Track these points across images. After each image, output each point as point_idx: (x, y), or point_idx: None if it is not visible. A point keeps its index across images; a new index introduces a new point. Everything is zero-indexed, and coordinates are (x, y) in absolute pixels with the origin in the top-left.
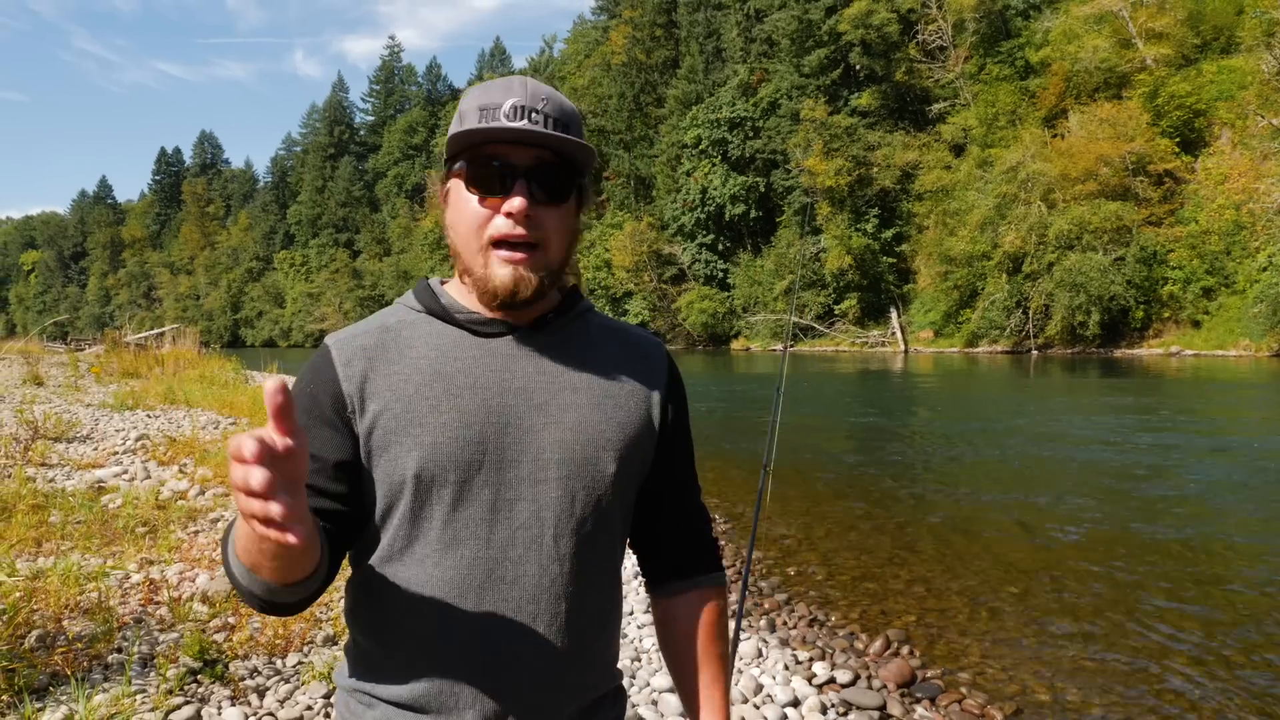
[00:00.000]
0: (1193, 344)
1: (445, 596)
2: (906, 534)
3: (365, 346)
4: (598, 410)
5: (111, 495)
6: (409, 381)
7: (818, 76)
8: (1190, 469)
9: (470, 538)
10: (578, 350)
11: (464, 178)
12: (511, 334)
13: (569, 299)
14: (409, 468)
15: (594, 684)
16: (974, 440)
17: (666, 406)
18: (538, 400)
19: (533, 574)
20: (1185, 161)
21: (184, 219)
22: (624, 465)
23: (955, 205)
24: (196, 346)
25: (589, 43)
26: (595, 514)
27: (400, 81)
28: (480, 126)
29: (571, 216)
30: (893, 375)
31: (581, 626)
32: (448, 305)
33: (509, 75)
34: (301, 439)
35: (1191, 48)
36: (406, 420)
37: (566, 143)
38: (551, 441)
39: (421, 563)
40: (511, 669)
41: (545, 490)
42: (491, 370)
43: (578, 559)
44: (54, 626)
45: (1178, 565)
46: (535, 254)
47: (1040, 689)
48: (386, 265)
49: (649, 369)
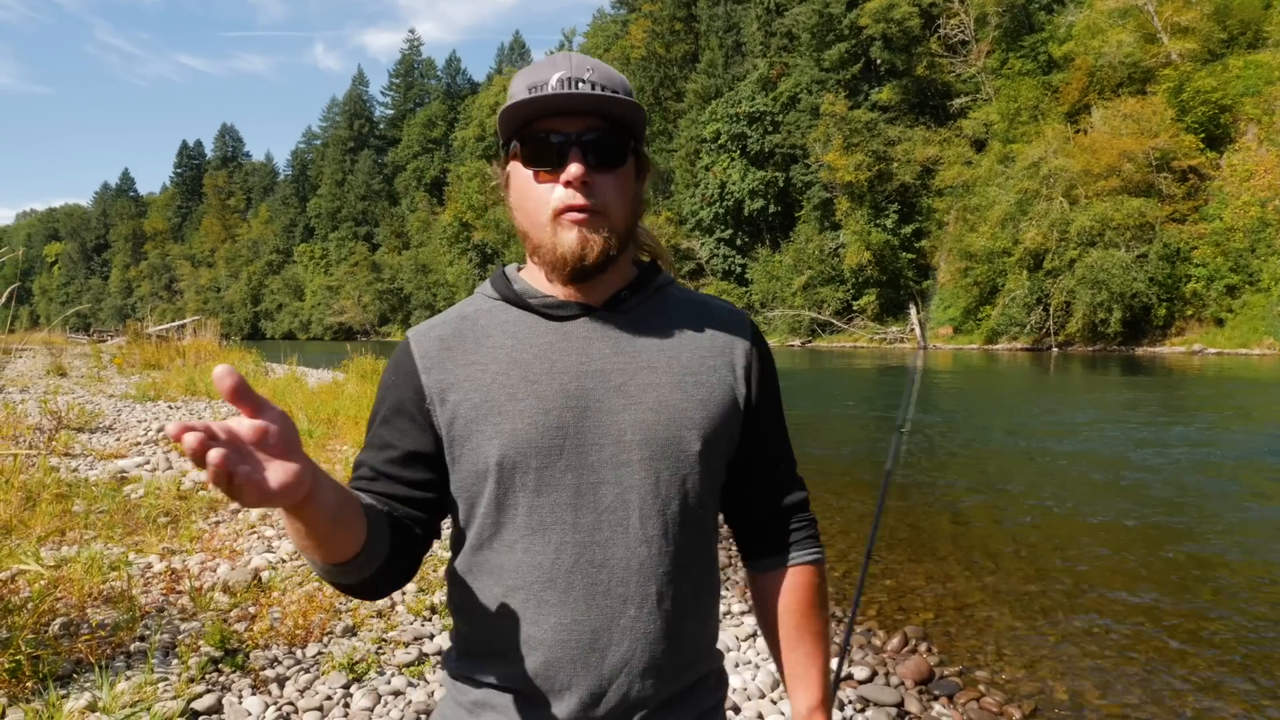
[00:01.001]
0: (1216, 342)
1: (535, 581)
2: (924, 530)
3: (442, 337)
4: (679, 389)
5: (134, 485)
6: (486, 370)
7: (838, 71)
8: (1215, 468)
9: (556, 523)
10: (656, 327)
11: (519, 157)
12: (586, 315)
13: (645, 274)
14: (490, 456)
15: (690, 665)
16: (993, 437)
17: (751, 381)
18: (616, 381)
19: (621, 556)
20: (1210, 158)
21: (205, 212)
22: (709, 444)
23: (976, 201)
24: (217, 338)
25: (608, 37)
26: (681, 494)
27: (420, 75)
28: (528, 97)
29: (631, 181)
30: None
31: (673, 607)
32: (521, 291)
33: (555, 54)
34: (263, 411)
35: (1218, 42)
36: (486, 409)
37: (615, 103)
38: (632, 422)
39: (511, 549)
40: (605, 651)
41: (629, 472)
42: (568, 354)
43: (666, 539)
44: (77, 615)
45: (1201, 566)
46: (597, 218)
47: (1059, 688)
48: (405, 259)
49: (732, 343)
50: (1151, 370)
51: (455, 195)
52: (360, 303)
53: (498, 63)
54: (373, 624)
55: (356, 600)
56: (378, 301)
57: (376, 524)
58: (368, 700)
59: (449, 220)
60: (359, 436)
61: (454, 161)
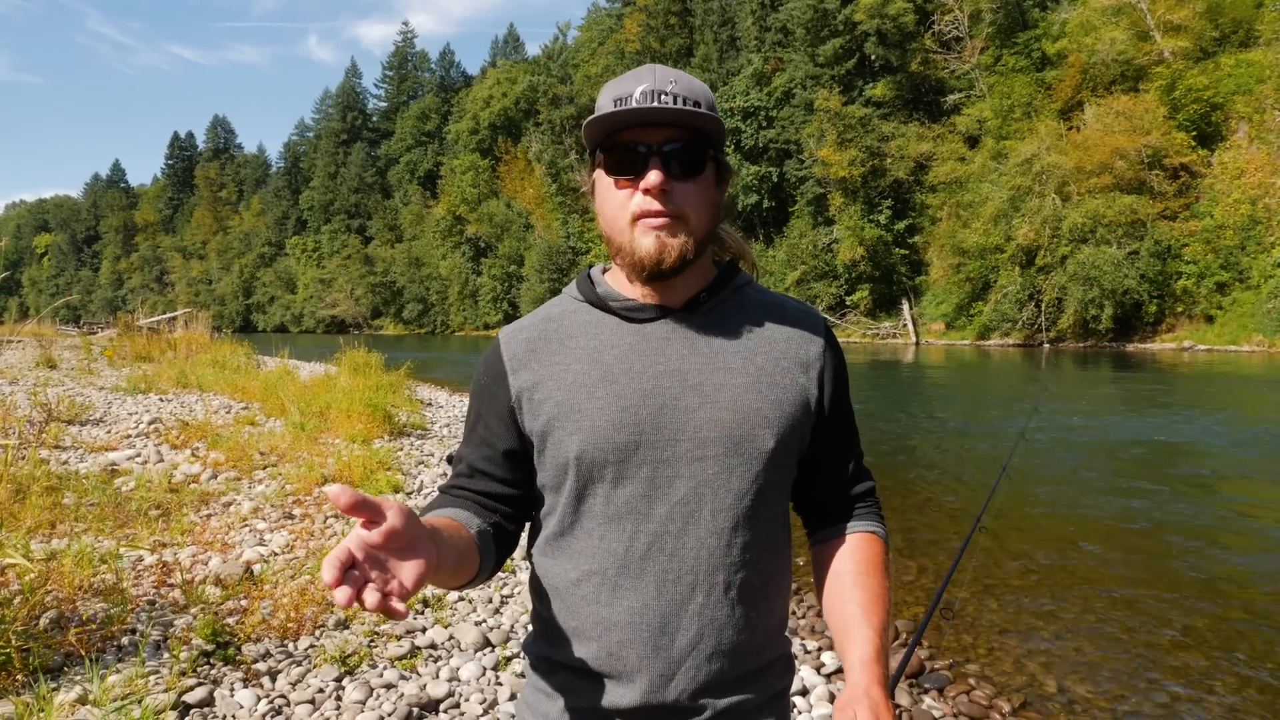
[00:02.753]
0: (1205, 339)
1: (610, 568)
2: (914, 525)
3: (530, 339)
4: (753, 389)
5: (125, 478)
6: (569, 370)
7: (832, 66)
8: (1205, 463)
9: (631, 513)
10: (732, 328)
11: (604, 165)
12: (665, 317)
13: (723, 275)
14: (570, 451)
15: (757, 651)
16: (983, 431)
17: (823, 382)
18: (693, 381)
19: (692, 546)
20: (1201, 155)
21: (196, 203)
22: (782, 442)
23: (969, 197)
24: (209, 331)
25: (603, 30)
26: (754, 489)
27: (414, 68)
28: (612, 110)
29: (710, 188)
30: (903, 366)
31: (740, 596)
32: (604, 294)
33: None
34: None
35: (1210, 41)
36: (568, 407)
37: (695, 117)
38: (708, 420)
39: (589, 536)
40: (674, 635)
41: (703, 467)
42: (646, 355)
43: (736, 532)
44: (68, 608)
45: (1192, 561)
46: (676, 223)
47: (1048, 682)
48: (398, 252)
49: (805, 344)
50: (1142, 366)
51: (448, 188)
52: (353, 296)
53: (492, 55)
54: (365, 617)
55: None
56: (370, 295)
57: (486, 548)
58: (360, 693)
59: (442, 213)
60: (351, 430)
61: (447, 155)
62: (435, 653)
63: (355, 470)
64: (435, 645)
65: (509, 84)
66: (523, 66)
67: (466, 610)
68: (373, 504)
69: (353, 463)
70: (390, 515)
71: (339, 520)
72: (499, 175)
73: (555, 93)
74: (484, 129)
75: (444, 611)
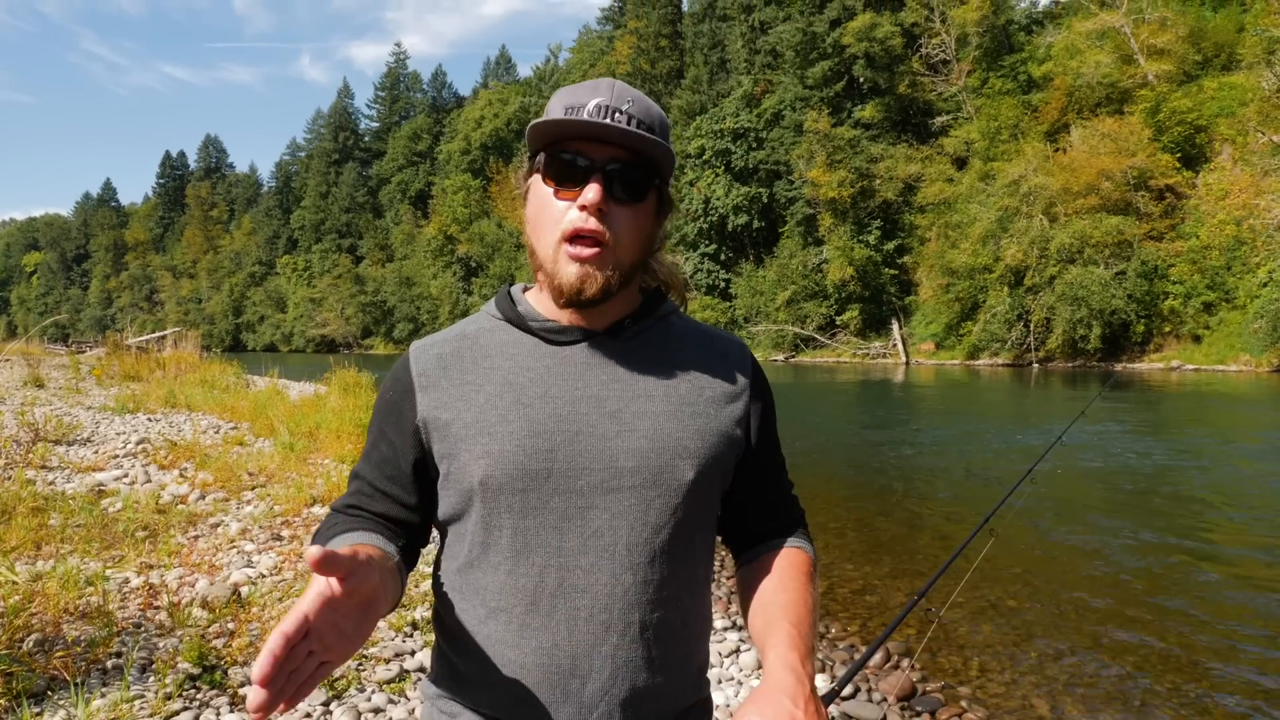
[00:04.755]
0: (1193, 359)
1: (519, 604)
2: (907, 547)
3: (441, 355)
4: (674, 418)
5: (111, 499)
6: (480, 391)
7: (821, 88)
8: (1194, 482)
9: (540, 545)
10: (655, 355)
11: (542, 171)
12: (586, 341)
13: (649, 303)
14: (475, 476)
15: (675, 695)
16: (973, 451)
17: (749, 414)
18: (611, 408)
19: (605, 582)
20: (1186, 177)
21: (187, 222)
22: (703, 474)
23: (957, 218)
24: (198, 350)
25: (594, 52)
26: (672, 523)
27: (405, 88)
28: (561, 119)
29: (648, 218)
30: (894, 386)
31: (657, 636)
32: (524, 313)
33: (598, 79)
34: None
35: (1193, 64)
36: (476, 429)
37: (646, 142)
38: (625, 449)
39: (495, 569)
40: (585, 678)
41: (619, 498)
42: (564, 379)
43: (653, 568)
44: (53, 630)
45: (1185, 581)
46: (604, 252)
47: (1041, 704)
48: (389, 271)
49: (730, 373)
50: (1130, 386)
51: (440, 208)
52: (343, 315)
53: (483, 77)
54: None
55: None
56: (360, 314)
57: (402, 577)
58: (347, 717)
59: (433, 233)
60: (341, 451)
61: (439, 175)
62: (424, 676)
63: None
64: (424, 669)
65: (500, 105)
66: (514, 88)
67: None
68: (346, 565)
69: (342, 483)
70: (355, 577)
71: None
72: (490, 195)
73: None
74: (475, 149)
75: (432, 635)
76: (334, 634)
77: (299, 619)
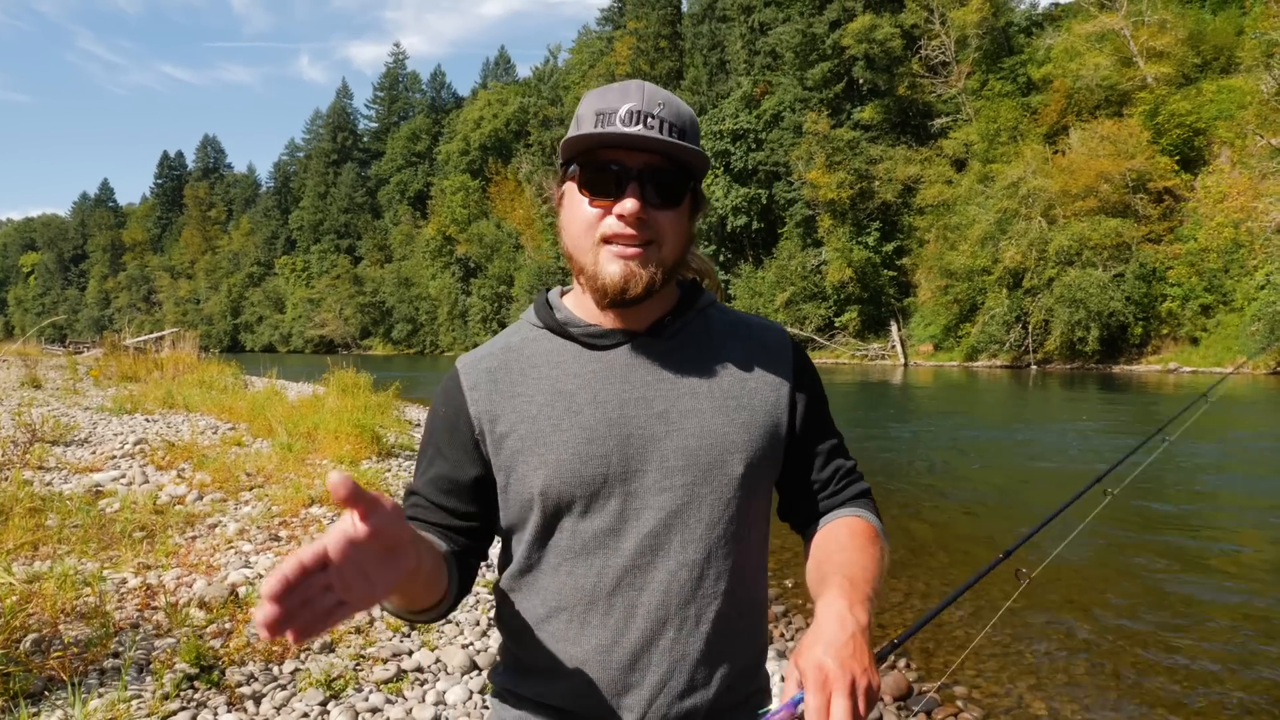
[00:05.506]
0: (1191, 361)
1: (579, 603)
2: (903, 546)
3: (490, 369)
4: (720, 413)
5: (109, 499)
6: (532, 402)
7: (821, 90)
8: (1194, 483)
9: (599, 547)
10: (696, 352)
11: (578, 181)
12: (628, 343)
13: (687, 297)
14: (535, 486)
15: (730, 686)
16: (972, 452)
17: (795, 399)
18: (658, 408)
19: (662, 579)
20: (1185, 179)
21: (185, 223)
22: (752, 467)
23: (956, 220)
24: (196, 351)
25: (593, 53)
26: (725, 518)
27: (404, 89)
28: (595, 131)
29: (685, 219)
30: (892, 387)
31: (713, 629)
32: (564, 320)
33: (627, 80)
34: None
35: (1192, 67)
36: (532, 440)
37: (680, 150)
38: (675, 449)
39: (555, 571)
40: (645, 672)
41: (671, 497)
42: (610, 383)
43: (708, 563)
44: (50, 631)
45: (1180, 580)
46: (648, 250)
47: (1037, 704)
48: (388, 272)
49: (772, 361)
50: (1128, 388)
51: (438, 209)
52: (341, 316)
53: (483, 77)
54: (351, 640)
55: None
56: (359, 315)
57: (453, 571)
58: (345, 717)
59: (432, 234)
60: (339, 451)
61: (438, 175)
62: (421, 676)
63: None
64: (421, 668)
65: (499, 105)
66: (513, 88)
67: (454, 633)
68: (369, 500)
69: None
70: (379, 516)
71: None
72: (489, 196)
73: (545, 114)
74: (474, 150)
75: (430, 634)
76: (354, 572)
77: (318, 550)
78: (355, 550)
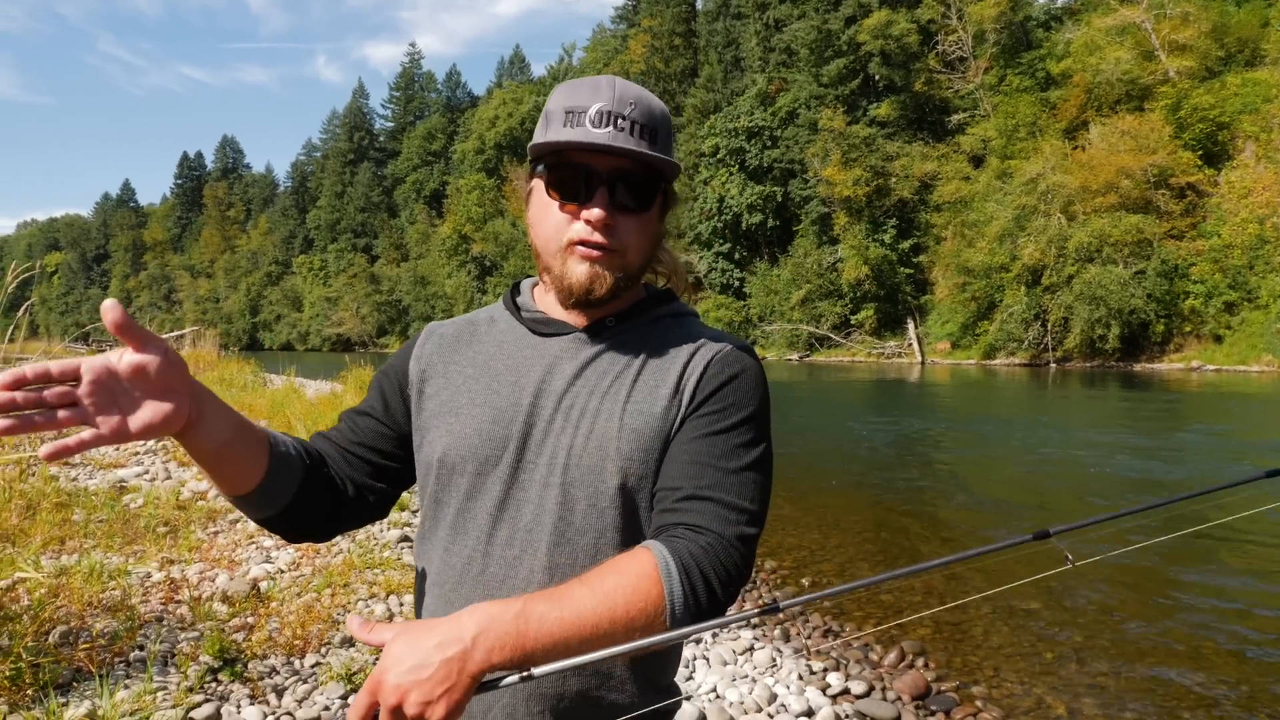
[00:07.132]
0: (1214, 359)
1: (449, 581)
2: (922, 546)
3: (443, 335)
4: (617, 419)
5: (133, 495)
6: (461, 373)
7: (836, 86)
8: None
9: (474, 530)
10: (629, 355)
11: (546, 181)
12: (567, 335)
13: (645, 302)
14: (436, 452)
15: (596, 703)
16: (990, 452)
17: (688, 418)
18: (566, 404)
19: (521, 577)
20: (1208, 175)
21: (205, 222)
22: (627, 480)
23: (974, 216)
24: (216, 349)
25: (608, 51)
26: (597, 527)
27: (420, 88)
28: (563, 139)
29: (653, 222)
30: (909, 386)
31: None
32: (521, 304)
33: (598, 75)
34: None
35: (1215, 60)
36: (448, 408)
37: (649, 158)
38: (565, 446)
39: (437, 544)
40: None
41: (550, 495)
42: (535, 371)
43: (572, 569)
44: (77, 623)
45: (1198, 581)
46: (613, 256)
47: (1056, 704)
48: (404, 270)
49: (698, 377)
50: (1150, 387)
51: (454, 208)
52: (358, 314)
53: (498, 76)
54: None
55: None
56: (376, 313)
57: (284, 467)
58: None
59: (448, 233)
60: None
61: (453, 174)
62: None
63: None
64: None
65: (514, 104)
66: (528, 87)
67: None
68: (142, 334)
69: None
70: (152, 349)
71: (345, 538)
72: (504, 195)
73: None
74: (490, 149)
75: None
76: (105, 399)
77: (69, 364)
78: (111, 378)
